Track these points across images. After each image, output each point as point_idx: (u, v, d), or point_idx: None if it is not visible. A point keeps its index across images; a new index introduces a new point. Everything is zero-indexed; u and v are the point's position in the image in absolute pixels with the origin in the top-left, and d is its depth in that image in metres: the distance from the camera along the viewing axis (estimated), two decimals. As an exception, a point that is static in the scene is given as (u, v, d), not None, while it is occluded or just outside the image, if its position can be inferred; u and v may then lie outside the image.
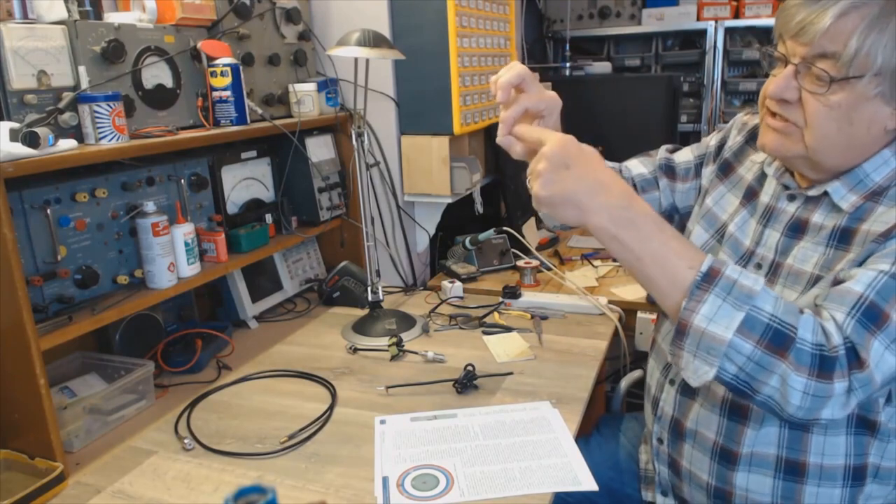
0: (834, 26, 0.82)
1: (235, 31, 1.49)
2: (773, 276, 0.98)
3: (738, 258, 1.03)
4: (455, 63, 1.70)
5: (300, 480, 1.01)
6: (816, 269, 0.92)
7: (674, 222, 1.23)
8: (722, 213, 1.09)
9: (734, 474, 0.97)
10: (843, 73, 0.83)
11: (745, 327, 0.77)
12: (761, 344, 0.77)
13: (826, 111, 0.86)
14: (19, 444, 1.06)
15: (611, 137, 2.49)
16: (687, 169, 1.20)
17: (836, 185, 0.92)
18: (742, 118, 1.17)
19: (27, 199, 1.07)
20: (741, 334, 0.77)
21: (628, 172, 1.23)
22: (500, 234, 1.93)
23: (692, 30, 3.18)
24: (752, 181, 1.07)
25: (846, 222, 0.91)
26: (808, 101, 0.87)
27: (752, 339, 0.77)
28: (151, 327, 1.41)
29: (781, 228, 0.99)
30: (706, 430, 1.00)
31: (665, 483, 1.10)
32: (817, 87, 0.86)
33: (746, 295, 0.78)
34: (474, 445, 1.06)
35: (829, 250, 0.92)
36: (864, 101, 0.85)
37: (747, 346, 0.77)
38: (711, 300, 0.78)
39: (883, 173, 0.90)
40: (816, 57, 0.85)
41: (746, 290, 0.78)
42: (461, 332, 1.52)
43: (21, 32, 1.07)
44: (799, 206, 0.98)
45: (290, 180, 1.66)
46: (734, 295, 0.78)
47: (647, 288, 0.85)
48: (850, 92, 0.84)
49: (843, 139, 0.88)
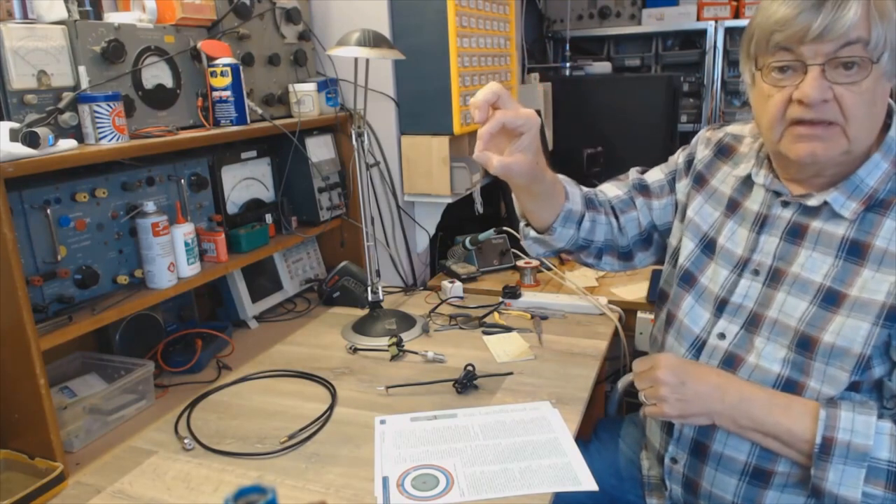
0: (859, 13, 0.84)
1: (235, 31, 1.49)
2: (774, 283, 0.98)
3: (732, 267, 1.03)
4: (455, 63, 1.70)
5: (300, 480, 1.01)
6: (827, 281, 0.92)
7: (653, 240, 1.23)
8: (703, 224, 1.10)
9: (765, 493, 0.97)
10: (873, 56, 0.85)
11: (871, 477, 0.87)
12: (889, 488, 0.87)
13: (860, 98, 0.87)
14: (19, 444, 1.06)
15: (611, 137, 2.50)
16: (661, 186, 1.21)
17: (835, 194, 0.93)
18: (705, 134, 1.18)
19: (27, 199, 1.07)
20: (868, 484, 0.88)
21: (604, 196, 1.22)
22: (500, 234, 1.93)
23: (692, 30, 3.18)
24: (732, 193, 1.08)
25: (854, 234, 0.92)
26: (844, 95, 0.86)
27: (879, 486, 0.88)
28: (151, 327, 1.41)
29: (779, 234, 0.99)
30: (735, 451, 0.98)
31: (677, 499, 1.08)
32: (852, 77, 0.86)
33: (863, 453, 0.87)
34: (474, 445, 1.06)
35: (839, 261, 0.92)
36: (882, 81, 0.88)
37: (877, 492, 0.88)
38: (834, 468, 0.88)
39: (876, 176, 0.92)
40: (843, 48, 0.85)
41: (862, 449, 0.87)
42: (461, 332, 1.52)
43: (21, 32, 1.07)
44: (795, 212, 0.98)
45: (290, 180, 1.66)
46: (852, 457, 0.87)
47: (775, 452, 0.96)
48: (875, 74, 0.86)
49: (871, 121, 0.90)
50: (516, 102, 0.97)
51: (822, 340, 0.91)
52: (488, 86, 0.95)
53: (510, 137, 0.97)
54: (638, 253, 1.24)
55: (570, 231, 1.13)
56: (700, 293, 1.06)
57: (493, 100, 0.94)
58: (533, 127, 0.96)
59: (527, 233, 1.16)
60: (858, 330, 0.89)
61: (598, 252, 1.22)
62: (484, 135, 0.94)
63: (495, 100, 0.94)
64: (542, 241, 1.15)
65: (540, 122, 0.98)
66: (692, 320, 1.05)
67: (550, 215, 1.11)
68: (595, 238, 1.18)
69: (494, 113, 0.95)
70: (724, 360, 1.00)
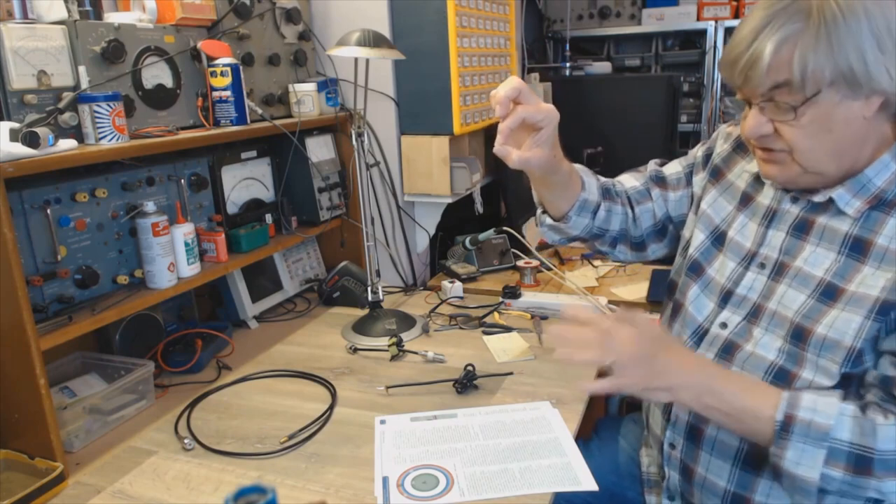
0: (773, 62, 0.86)
1: (235, 31, 1.49)
2: (778, 276, 0.99)
3: (739, 260, 1.04)
4: (455, 63, 1.70)
5: (300, 480, 1.01)
6: (828, 276, 0.93)
7: (667, 232, 1.25)
8: (716, 217, 1.12)
9: (758, 480, 0.97)
10: (801, 97, 0.87)
11: (831, 459, 0.85)
12: (849, 470, 0.84)
13: (802, 132, 0.89)
14: (19, 444, 1.06)
15: (611, 137, 2.50)
16: (678, 178, 1.23)
17: (840, 191, 0.94)
18: (726, 129, 1.19)
19: (27, 199, 1.07)
20: (828, 466, 0.85)
21: (621, 186, 1.25)
22: (500, 234, 1.92)
23: (692, 30, 3.19)
24: (746, 187, 1.09)
25: (858, 231, 0.93)
26: (783, 129, 0.91)
27: (839, 468, 0.85)
28: (151, 327, 1.41)
29: (786, 228, 1.00)
30: (729, 436, 0.99)
31: (674, 488, 1.09)
32: (785, 115, 0.89)
33: (823, 433, 0.85)
34: (474, 445, 1.06)
35: (841, 257, 0.93)
36: (832, 109, 0.87)
37: (836, 473, 0.85)
38: (793, 447, 0.86)
39: (884, 177, 0.92)
40: (771, 91, 0.89)
41: (823, 429, 0.85)
42: (461, 332, 1.52)
43: (21, 32, 1.07)
44: (803, 208, 0.99)
45: (290, 180, 1.66)
46: (813, 436, 0.85)
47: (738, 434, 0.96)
48: (817, 108, 0.87)
49: (830, 147, 0.90)
50: (536, 97, 1.00)
51: (815, 332, 0.92)
52: (509, 81, 0.98)
53: (529, 131, 1.01)
54: (651, 244, 1.26)
55: (584, 220, 1.17)
56: (707, 283, 1.08)
57: (515, 95, 0.97)
58: (552, 122, 1.00)
59: (543, 220, 1.21)
60: (850, 323, 0.89)
61: (612, 241, 1.25)
62: (504, 130, 0.98)
63: (516, 95, 0.97)
64: (558, 229, 1.19)
65: (558, 116, 1.01)
66: (697, 309, 1.07)
67: (566, 204, 1.15)
68: (610, 227, 1.21)
69: (515, 108, 0.98)
70: (722, 347, 1.02)
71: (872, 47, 0.83)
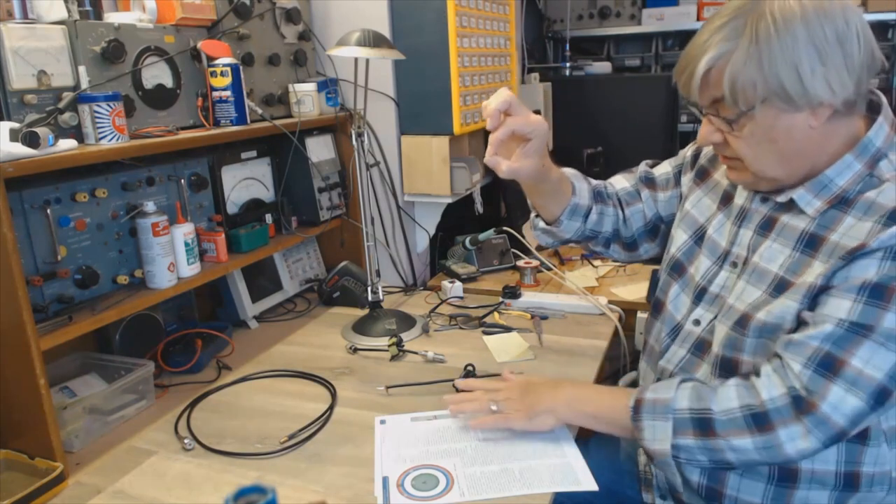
0: (704, 81, 0.89)
1: (235, 31, 1.49)
2: (741, 273, 1.02)
3: (715, 258, 1.07)
4: (455, 63, 1.70)
5: (300, 480, 1.01)
6: (781, 271, 0.95)
7: (659, 231, 1.28)
8: (700, 216, 1.13)
9: (727, 476, 1.00)
10: (736, 111, 0.89)
11: (679, 428, 0.93)
12: (697, 435, 0.92)
13: (745, 143, 0.92)
14: (19, 444, 1.06)
15: (611, 137, 2.50)
16: (666, 179, 1.25)
17: (801, 191, 0.95)
18: None
19: (27, 199, 1.07)
20: (677, 436, 0.93)
21: (612, 188, 1.28)
22: (500, 234, 1.93)
23: (692, 30, 3.15)
24: (728, 186, 1.11)
25: (814, 228, 0.94)
26: (729, 139, 0.94)
27: (689, 435, 0.92)
28: (151, 327, 1.41)
29: (754, 227, 1.02)
30: None
31: (663, 487, 1.10)
32: (726, 127, 0.93)
33: (665, 406, 0.94)
34: (474, 445, 1.06)
35: (796, 253, 0.95)
36: (772, 121, 0.89)
37: (687, 441, 0.92)
38: (646, 425, 0.95)
39: (846, 177, 0.92)
40: (711, 105, 0.92)
41: (663, 403, 0.94)
42: (461, 332, 1.52)
43: (21, 32, 1.07)
44: (770, 207, 1.01)
45: (290, 180, 1.66)
46: (658, 412, 0.94)
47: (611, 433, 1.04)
48: (754, 121, 0.90)
49: (776, 156, 0.92)
50: (526, 109, 1.03)
51: (755, 318, 0.95)
52: (499, 93, 1.01)
53: (519, 141, 1.05)
54: (643, 244, 1.29)
55: (576, 223, 1.21)
56: (686, 282, 1.11)
57: (505, 108, 1.01)
58: (541, 133, 1.03)
59: (536, 223, 1.25)
60: (789, 309, 0.92)
61: (605, 242, 1.28)
62: (494, 141, 1.02)
63: (506, 107, 1.01)
64: (550, 233, 1.24)
65: (547, 128, 1.05)
66: (675, 307, 1.11)
67: (558, 209, 1.19)
68: (603, 229, 1.25)
69: (505, 120, 1.02)
70: (695, 344, 1.06)
71: (812, 59, 0.83)
